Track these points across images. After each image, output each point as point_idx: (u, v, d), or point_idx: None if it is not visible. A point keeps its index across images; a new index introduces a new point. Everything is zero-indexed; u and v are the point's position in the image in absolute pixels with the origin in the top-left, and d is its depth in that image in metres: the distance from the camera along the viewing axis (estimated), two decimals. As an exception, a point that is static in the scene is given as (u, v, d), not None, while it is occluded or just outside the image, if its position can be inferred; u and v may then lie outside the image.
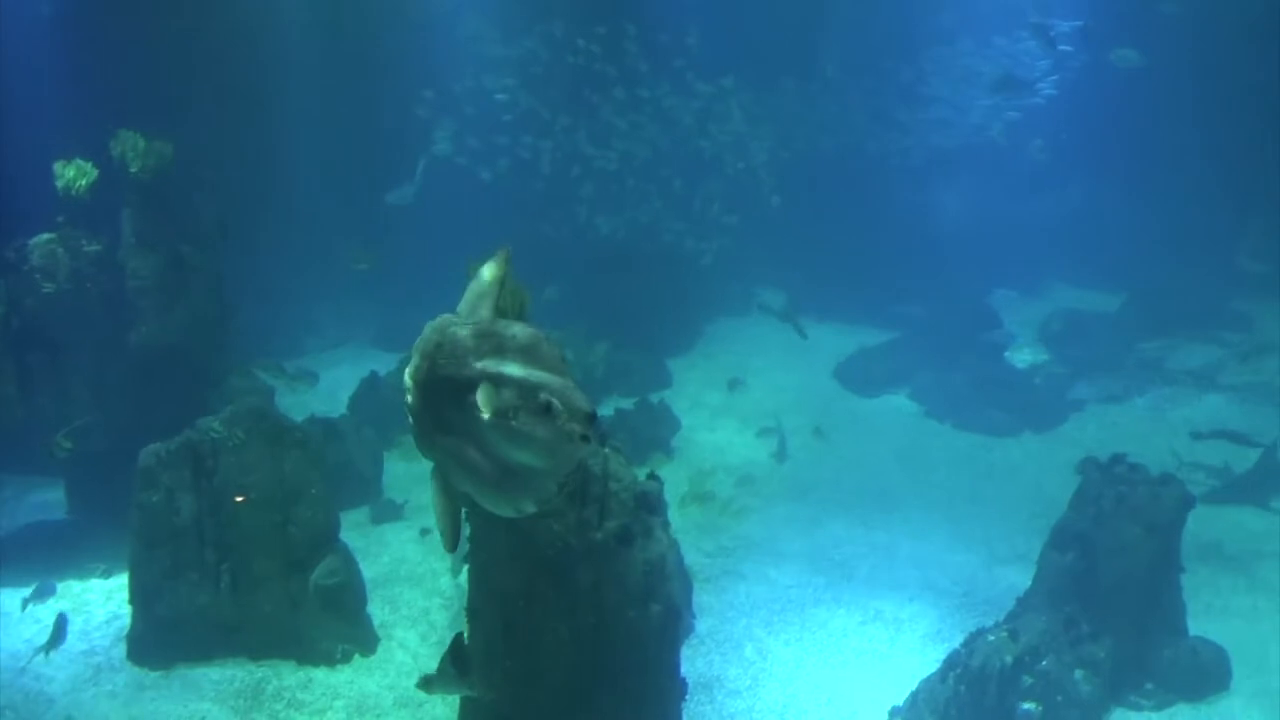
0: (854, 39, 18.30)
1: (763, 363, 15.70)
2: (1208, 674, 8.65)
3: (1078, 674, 7.96)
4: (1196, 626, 8.90)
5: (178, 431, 9.13)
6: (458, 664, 5.65)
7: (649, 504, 6.27)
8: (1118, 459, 9.10)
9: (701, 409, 14.42)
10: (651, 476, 6.89)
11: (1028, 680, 7.72)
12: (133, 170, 10.33)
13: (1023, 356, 15.89)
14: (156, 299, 10.62)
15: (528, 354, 3.73)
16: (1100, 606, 8.45)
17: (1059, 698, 7.77)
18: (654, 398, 13.71)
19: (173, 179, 10.66)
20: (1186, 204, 17.88)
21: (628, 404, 13.44)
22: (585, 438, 3.58)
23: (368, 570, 9.68)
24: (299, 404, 12.44)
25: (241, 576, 8.95)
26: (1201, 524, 9.44)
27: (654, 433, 13.02)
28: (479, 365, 3.75)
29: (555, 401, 3.56)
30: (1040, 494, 11.58)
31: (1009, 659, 7.72)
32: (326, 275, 15.89)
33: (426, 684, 5.85)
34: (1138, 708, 8.44)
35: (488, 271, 4.23)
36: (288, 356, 15.91)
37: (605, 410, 13.19)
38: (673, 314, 16.69)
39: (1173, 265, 17.36)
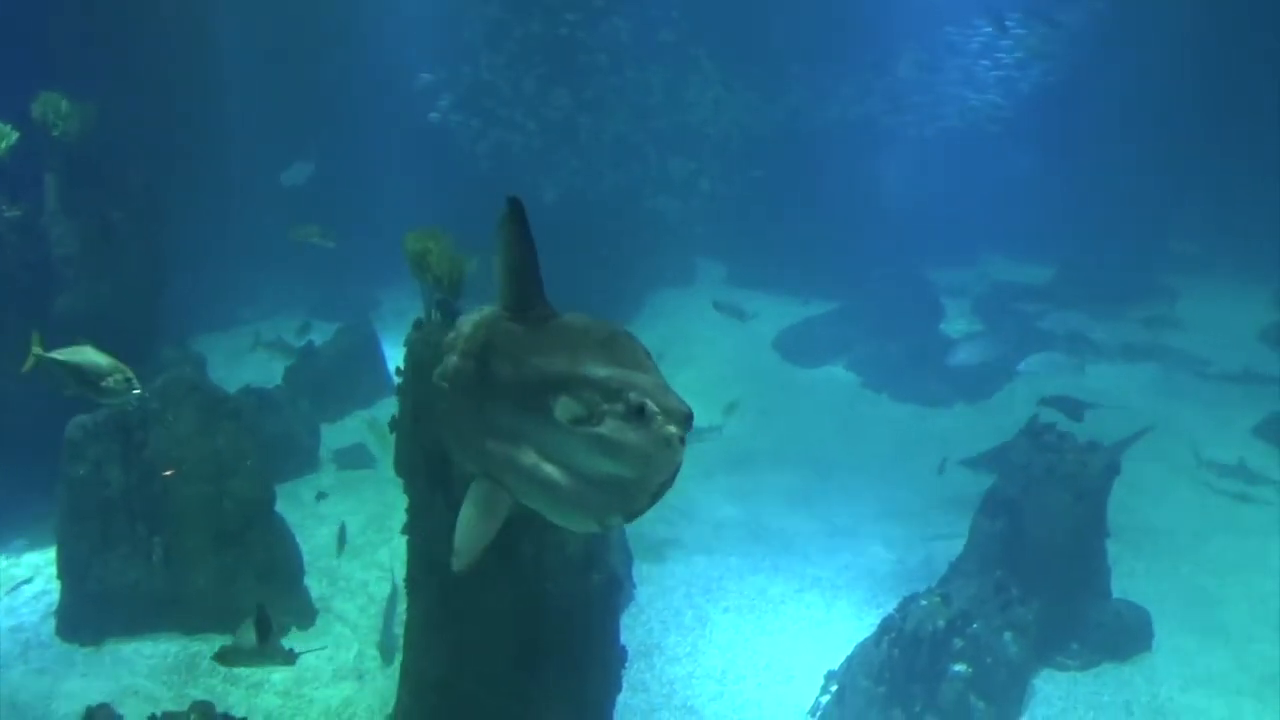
0: (803, 17, 18.35)
1: (704, 333, 15.77)
2: (1131, 634, 8.95)
3: (1007, 636, 8.18)
4: (1121, 589, 9.20)
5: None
6: (261, 633, 5.47)
7: (589, 474, 6.27)
8: (1047, 427, 9.33)
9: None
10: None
11: (959, 643, 7.91)
12: (55, 133, 10.01)
13: (957, 327, 16.14)
14: (82, 267, 10.32)
15: (606, 349, 3.19)
16: (1029, 571, 8.69)
17: (988, 659, 7.99)
18: (594, 368, 13.67)
19: (100, 144, 10.36)
20: (1126, 185, 18.33)
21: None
22: (682, 441, 3.09)
23: (305, 543, 9.58)
24: (232, 375, 12.22)
25: (174, 550, 8.80)
26: (1129, 491, 9.72)
27: (594, 403, 13.03)
28: (547, 364, 3.21)
29: (649, 403, 3.05)
30: (973, 462, 11.82)
31: (941, 623, 7.90)
32: (262, 244, 15.58)
33: (223, 657, 5.63)
34: (1064, 667, 8.70)
35: (510, 240, 3.51)
36: (222, 327, 15.66)
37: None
38: (615, 285, 16.68)
39: (1108, 242, 17.81)
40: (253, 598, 8.77)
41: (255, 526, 8.96)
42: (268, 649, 5.37)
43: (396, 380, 6.42)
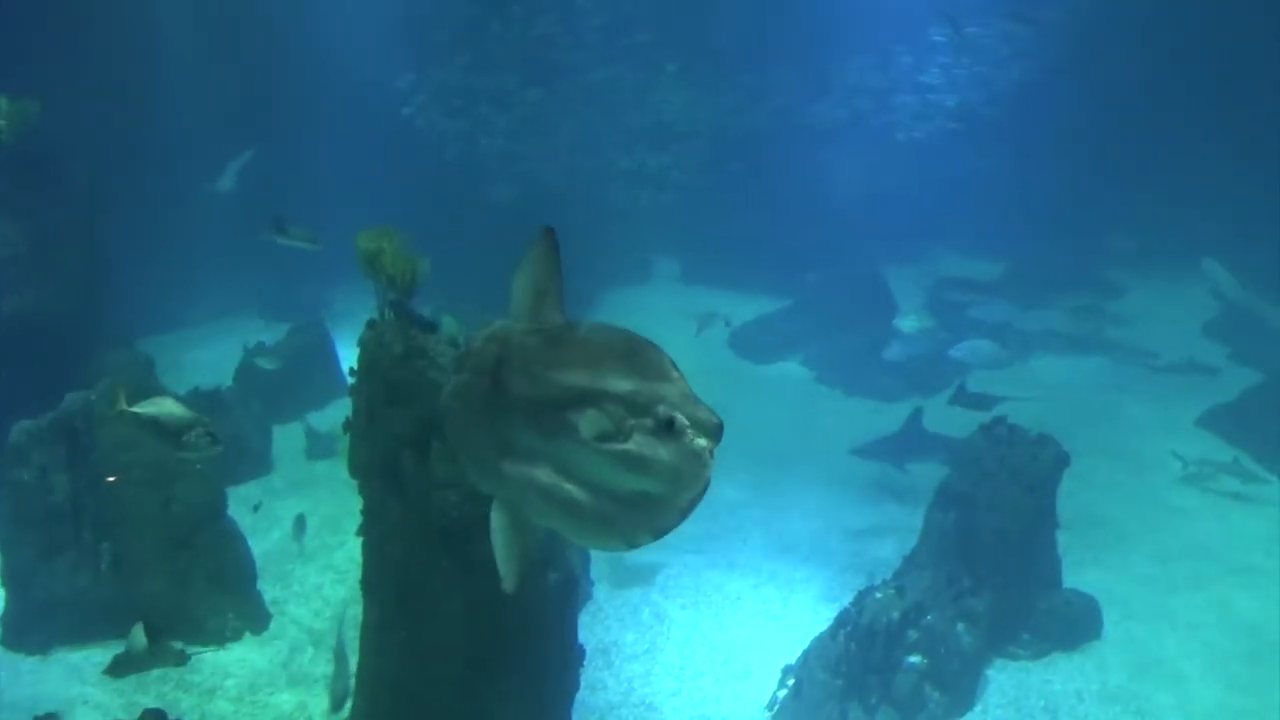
0: (750, 15, 18.47)
1: (659, 332, 15.67)
2: (1080, 623, 9.10)
3: (960, 627, 8.29)
4: (1070, 579, 9.36)
5: (50, 406, 8.74)
6: (150, 636, 5.39)
7: (545, 472, 6.25)
8: (998, 421, 9.46)
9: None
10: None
11: (913, 635, 8.01)
12: (-3, 133, 9.80)
13: (909, 323, 16.29)
14: (28, 268, 10.11)
15: (629, 361, 3.06)
16: (981, 562, 8.80)
17: (942, 650, 8.09)
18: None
19: (43, 143, 10.14)
20: (1074, 184, 18.68)
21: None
22: (712, 454, 3.00)
23: (258, 546, 9.46)
24: (180, 376, 12.03)
25: (123, 556, 8.65)
26: (1077, 483, 9.89)
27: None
28: (567, 379, 3.07)
29: (679, 416, 2.95)
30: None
31: (896, 615, 7.99)
32: (209, 244, 15.35)
33: (115, 667, 5.53)
34: (1015, 657, 8.83)
35: (540, 262, 3.41)
36: (169, 328, 15.42)
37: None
38: (570, 283, 16.63)
39: (1053, 238, 18.13)
40: (205, 603, 8.70)
41: (206, 530, 8.83)
42: (159, 651, 5.29)
43: (350, 381, 6.37)
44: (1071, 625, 9.04)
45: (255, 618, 8.93)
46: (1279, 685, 8.57)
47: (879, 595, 8.17)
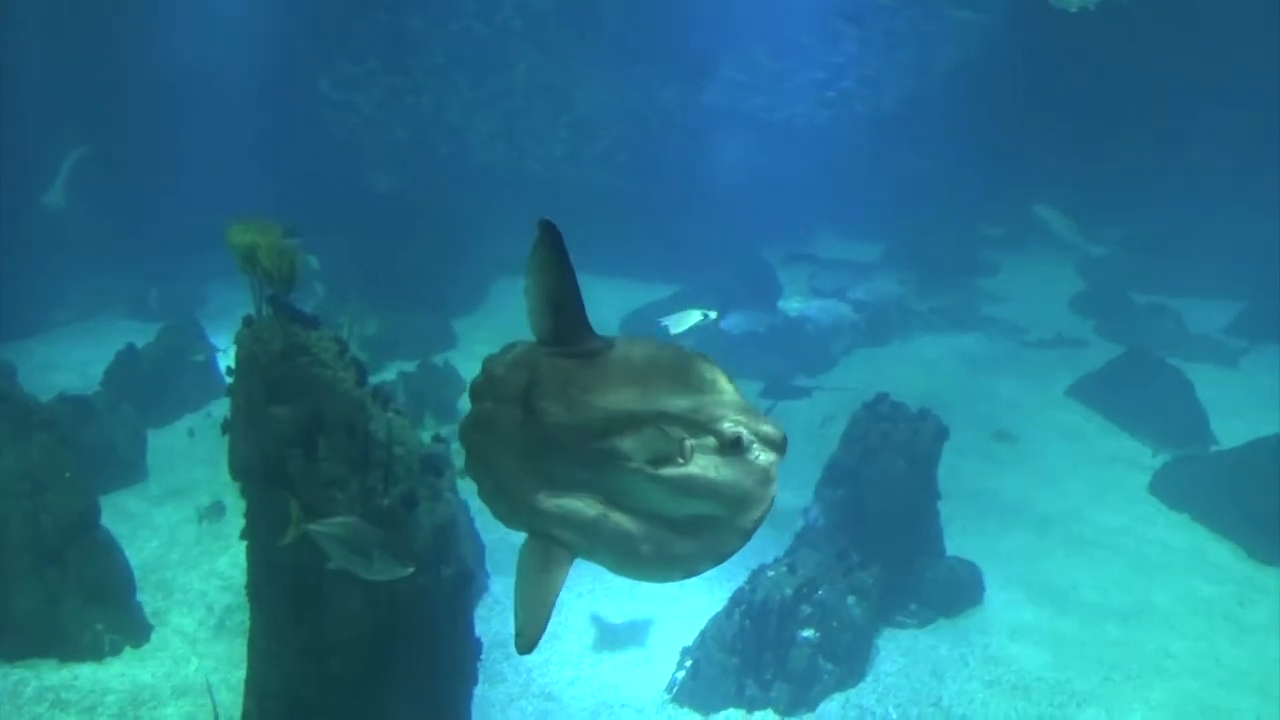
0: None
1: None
2: (964, 590, 9.44)
3: (850, 600, 8.50)
4: (953, 547, 9.69)
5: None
6: None
7: (435, 467, 6.19)
8: (881, 398, 9.72)
9: (488, 369, 14.28)
10: (437, 439, 6.81)
11: (806, 610, 8.18)
12: None
13: (794, 305, 16.60)
14: None
15: (679, 377, 2.83)
16: (870, 536, 9.04)
17: (834, 623, 8.29)
18: (438, 359, 13.47)
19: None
20: (952, 173, 19.34)
21: (410, 366, 13.17)
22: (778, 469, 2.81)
23: (135, 556, 9.10)
24: (45, 381, 11.46)
25: (-11, 573, 8.21)
26: (956, 455, 10.23)
27: (439, 394, 12.82)
28: (611, 402, 2.82)
29: (745, 432, 2.77)
30: (815, 434, 12.21)
31: (788, 591, 8.15)
32: (70, 242, 14.67)
33: None
34: (904, 626, 9.11)
35: (547, 269, 3.04)
36: (32, 331, 14.69)
37: (388, 374, 12.89)
38: (457, 273, 16.45)
39: (930, 221, 18.74)
40: (79, 618, 8.31)
41: (78, 542, 8.43)
42: None
43: (228, 380, 6.16)
44: (955, 593, 9.36)
45: (135, 630, 8.57)
46: (1148, 638, 9.07)
47: (771, 573, 8.33)
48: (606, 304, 15.71)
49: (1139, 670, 8.63)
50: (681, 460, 2.74)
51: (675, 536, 2.79)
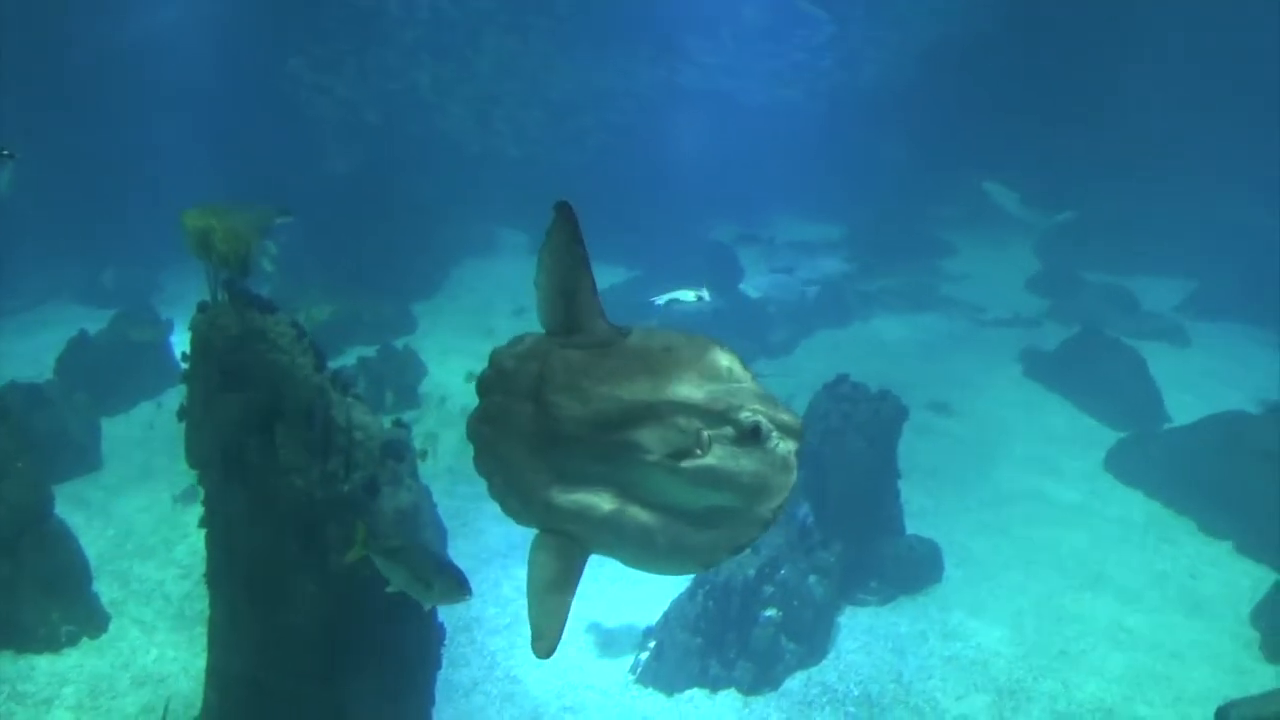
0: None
1: (509, 304, 15.65)
2: (923, 567, 9.56)
3: (811, 579, 8.58)
4: (912, 526, 9.80)
5: None
6: None
7: (396, 452, 6.15)
8: (841, 379, 9.78)
9: (450, 353, 14.22)
10: (398, 424, 6.76)
11: (768, 589, 8.25)
12: None
13: (749, 287, 16.61)
14: None
15: (696, 365, 2.75)
16: (831, 515, 9.12)
17: (795, 602, 8.36)
18: (399, 343, 13.37)
19: None
20: (908, 157, 19.49)
21: (370, 351, 13.06)
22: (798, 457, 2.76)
23: (91, 546, 8.96)
24: (-5, 371, 11.25)
25: (-60, 565, 8.05)
26: (916, 434, 10.34)
27: (400, 380, 12.74)
28: (626, 393, 2.75)
29: (764, 421, 2.70)
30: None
31: (751, 572, 8.21)
32: (20, 229, 14.35)
33: None
34: (865, 604, 9.21)
35: (562, 256, 2.93)
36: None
37: (348, 359, 12.78)
38: (419, 256, 16.32)
39: (888, 203, 18.87)
40: (35, 609, 8.18)
41: (31, 532, 8.29)
42: None
43: (183, 367, 6.08)
44: (915, 570, 9.48)
45: (92, 621, 8.45)
46: (1103, 612, 9.24)
47: (734, 554, 8.35)
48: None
49: (1094, 643, 8.80)
50: (700, 452, 2.69)
51: (692, 528, 2.74)
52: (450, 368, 13.61)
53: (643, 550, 2.80)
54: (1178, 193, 17.81)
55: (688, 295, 12.07)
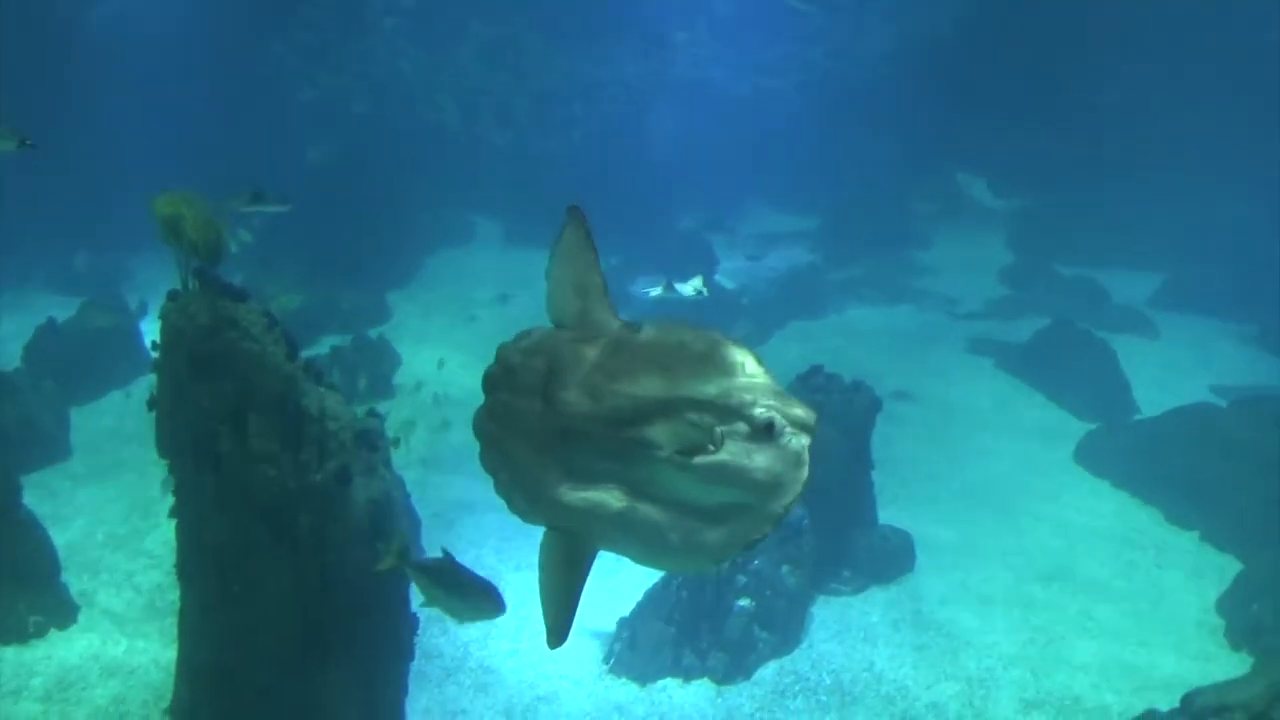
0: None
1: (484, 294, 15.61)
2: (896, 557, 9.63)
3: (784, 569, 8.61)
4: (885, 516, 9.87)
5: None
6: None
7: (369, 441, 6.12)
8: (815, 369, 9.82)
9: (424, 343, 14.17)
10: (371, 413, 6.74)
11: (742, 579, 8.29)
12: None
13: (723, 277, 16.69)
14: None
15: (708, 361, 2.74)
16: (804, 506, 9.15)
17: (769, 592, 8.41)
18: (373, 333, 13.30)
19: None
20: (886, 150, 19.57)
21: (344, 340, 12.99)
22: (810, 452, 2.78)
23: (60, 536, 8.89)
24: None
25: (-96, 556, 7.95)
26: (889, 425, 10.40)
27: (374, 369, 12.68)
28: (637, 390, 2.74)
29: (778, 417, 2.70)
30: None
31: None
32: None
33: None
34: (837, 593, 9.27)
35: (575, 252, 2.97)
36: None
37: (321, 348, 12.70)
38: (393, 246, 16.23)
39: (863, 196, 18.96)
40: (1, 599, 8.09)
41: (-1, 523, 8.21)
42: None
43: (154, 355, 6.02)
44: (888, 560, 9.55)
45: (61, 612, 8.38)
46: (1071, 601, 9.34)
47: (708, 544, 8.38)
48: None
49: (1063, 632, 8.90)
50: (713, 448, 2.68)
51: (704, 525, 2.72)
52: (424, 357, 13.54)
53: (653, 547, 2.79)
54: (1151, 186, 18.00)
55: (686, 288, 12.02)
